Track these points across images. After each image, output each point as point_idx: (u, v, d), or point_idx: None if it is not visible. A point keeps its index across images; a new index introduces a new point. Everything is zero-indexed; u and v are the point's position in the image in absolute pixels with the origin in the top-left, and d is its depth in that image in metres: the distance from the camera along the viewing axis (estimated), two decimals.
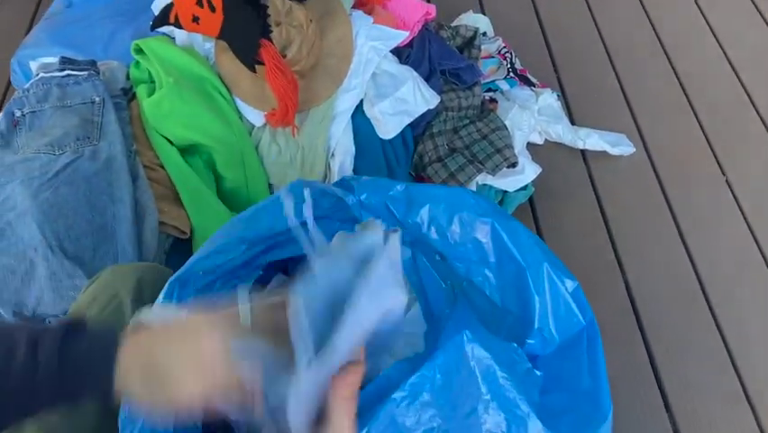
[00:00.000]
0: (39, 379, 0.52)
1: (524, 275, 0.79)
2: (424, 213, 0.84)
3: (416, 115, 1.26)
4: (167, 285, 0.75)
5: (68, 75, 1.19)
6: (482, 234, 0.83)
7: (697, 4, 1.87)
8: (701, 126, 1.57)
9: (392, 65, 1.27)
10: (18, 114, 1.14)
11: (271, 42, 1.15)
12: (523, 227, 0.84)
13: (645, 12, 1.84)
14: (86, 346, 0.54)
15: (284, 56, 1.17)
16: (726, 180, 1.47)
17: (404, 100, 1.25)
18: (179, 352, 0.54)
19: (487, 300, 0.84)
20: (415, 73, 1.28)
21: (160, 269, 0.89)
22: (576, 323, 0.79)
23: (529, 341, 0.79)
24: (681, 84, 1.66)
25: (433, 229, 0.84)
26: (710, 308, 1.27)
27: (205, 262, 0.78)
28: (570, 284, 0.80)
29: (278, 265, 0.92)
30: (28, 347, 0.52)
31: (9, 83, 1.48)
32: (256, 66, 1.18)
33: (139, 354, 0.54)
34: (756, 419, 1.14)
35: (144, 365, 0.53)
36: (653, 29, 1.80)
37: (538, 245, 0.83)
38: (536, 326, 0.78)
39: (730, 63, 1.72)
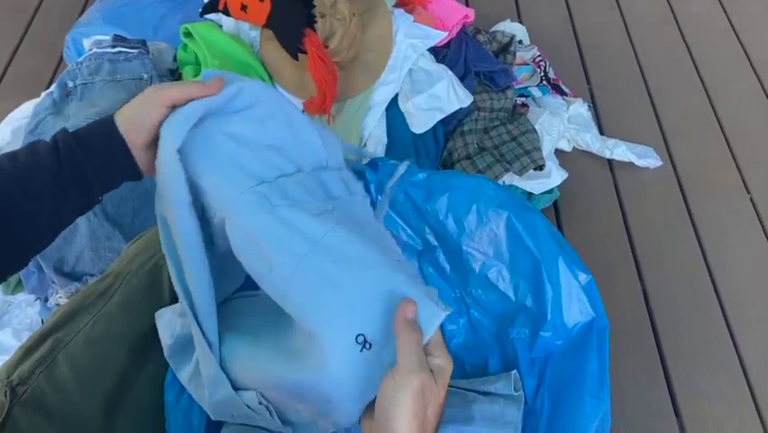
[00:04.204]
0: (65, 168, 0.63)
1: (538, 267, 0.81)
2: (443, 201, 0.86)
3: (449, 113, 1.29)
4: None
5: (120, 52, 1.25)
6: (498, 225, 0.85)
7: (732, 25, 1.88)
8: (728, 144, 1.58)
9: (429, 63, 1.32)
10: (70, 84, 1.20)
11: (315, 32, 1.20)
12: (541, 218, 0.87)
13: (680, 31, 1.86)
14: (93, 133, 0.66)
15: (326, 46, 1.22)
16: (751, 199, 1.48)
17: (438, 97, 1.29)
18: None
19: (500, 295, 0.86)
20: (450, 72, 1.32)
21: None
22: (587, 315, 0.81)
23: (543, 334, 0.81)
24: (710, 102, 1.68)
25: (450, 218, 0.87)
26: (726, 321, 1.28)
27: None
28: (583, 277, 0.83)
29: None
30: (48, 148, 0.64)
31: (62, 58, 1.55)
32: (299, 55, 1.23)
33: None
34: (764, 428, 1.15)
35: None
36: (687, 48, 1.81)
37: (554, 237, 0.85)
38: (549, 318, 0.80)
39: (761, 84, 1.73)
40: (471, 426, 0.74)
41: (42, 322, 1.11)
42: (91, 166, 0.65)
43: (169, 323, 0.76)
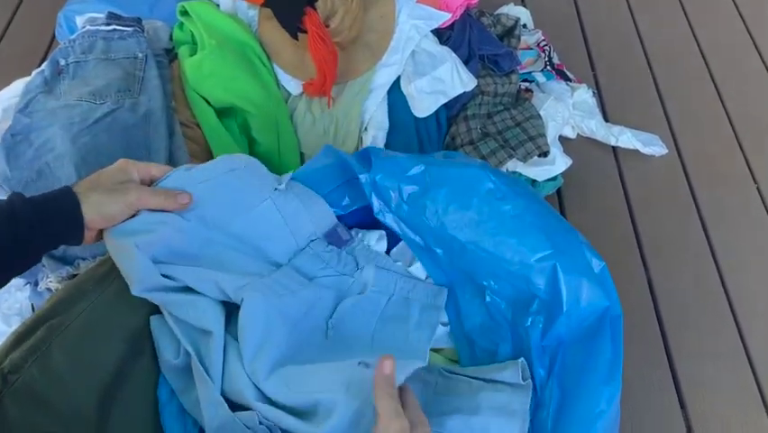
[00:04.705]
0: (21, 229, 0.66)
1: (550, 256, 0.78)
2: (441, 196, 0.82)
3: (452, 96, 1.26)
4: None
5: (114, 29, 1.20)
6: (501, 218, 0.80)
7: (739, 13, 1.85)
8: (735, 134, 1.56)
9: (432, 45, 1.28)
10: (63, 62, 1.16)
11: (315, 11, 1.16)
12: (547, 206, 0.84)
13: (687, 18, 1.83)
14: (48, 196, 0.69)
15: (327, 26, 1.18)
16: (758, 188, 1.45)
17: (441, 80, 1.25)
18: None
19: (513, 285, 0.82)
20: (454, 55, 1.28)
21: None
22: (601, 303, 0.78)
23: (557, 322, 0.78)
24: (717, 90, 1.65)
25: (450, 213, 0.82)
26: (732, 311, 1.26)
27: None
28: (597, 264, 0.80)
29: None
30: (4, 216, 0.66)
31: (54, 37, 1.51)
32: (298, 34, 1.19)
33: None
34: None
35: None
36: (693, 34, 1.79)
37: (563, 225, 0.83)
38: (565, 309, 0.77)
39: None
40: (478, 416, 0.71)
41: (32, 307, 1.08)
42: (45, 239, 0.68)
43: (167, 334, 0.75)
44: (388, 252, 0.90)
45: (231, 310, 0.76)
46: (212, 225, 0.79)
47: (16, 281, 1.10)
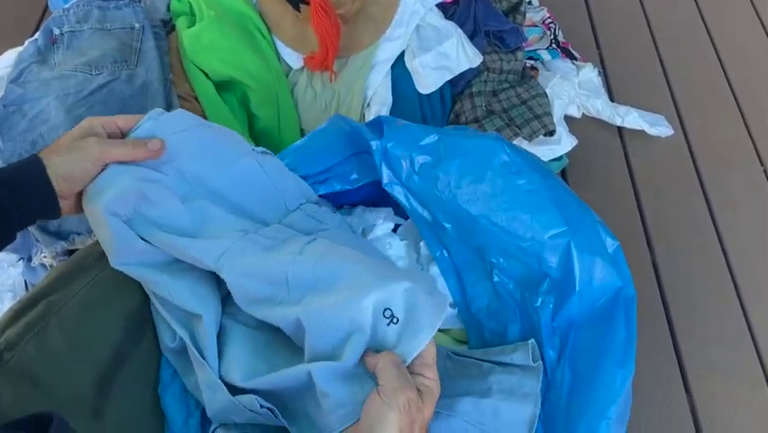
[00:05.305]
0: None
1: (563, 234, 0.76)
2: (454, 168, 0.79)
3: (457, 72, 1.23)
4: None
5: None
6: (515, 192, 0.77)
7: None
8: (742, 115, 1.54)
9: (437, 19, 1.25)
10: (57, 32, 1.12)
11: None
12: (561, 183, 0.82)
13: None
14: (15, 166, 0.63)
15: None
16: (764, 170, 1.44)
17: (446, 55, 1.22)
18: None
19: (523, 264, 0.79)
20: (459, 30, 1.25)
21: None
22: (614, 284, 0.76)
23: (568, 302, 0.76)
24: (724, 70, 1.63)
25: (463, 186, 0.79)
26: (738, 294, 1.25)
27: None
28: (610, 243, 0.78)
29: None
30: None
31: (46, 6, 1.47)
32: (300, 6, 1.16)
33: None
34: None
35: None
36: (700, 13, 1.76)
37: (577, 202, 0.81)
38: (577, 288, 0.75)
39: None
40: (489, 398, 0.69)
41: (26, 283, 1.05)
42: (18, 212, 0.63)
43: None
44: (395, 230, 0.87)
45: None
46: (190, 179, 0.71)
47: (9, 257, 1.07)
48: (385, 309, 0.60)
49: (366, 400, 0.57)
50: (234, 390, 0.65)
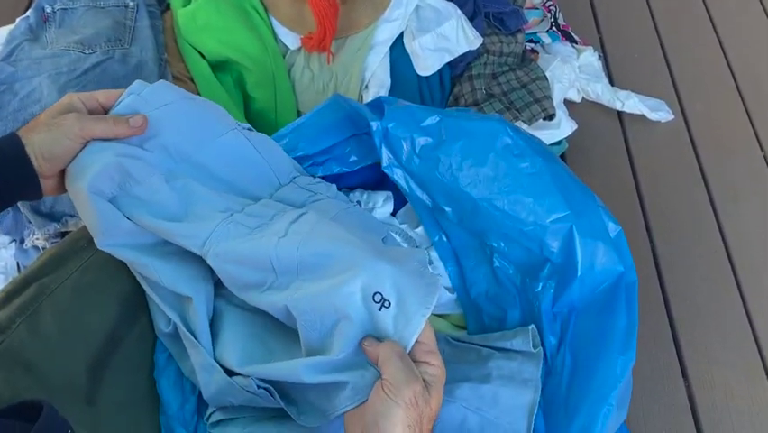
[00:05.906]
0: None
1: (565, 218, 0.75)
2: (456, 150, 0.77)
3: (457, 54, 1.21)
4: None
5: None
6: (517, 175, 0.76)
7: None
8: (743, 100, 1.52)
9: (437, 0, 1.23)
10: (48, 9, 1.11)
11: None
12: (564, 166, 0.80)
13: None
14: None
15: None
16: (765, 156, 1.43)
17: (446, 37, 1.20)
18: None
19: (524, 248, 0.78)
20: (459, 11, 1.23)
21: None
22: (616, 268, 0.75)
23: (569, 287, 0.75)
24: (725, 56, 1.61)
25: (464, 169, 0.77)
26: (737, 282, 1.24)
27: None
28: (612, 228, 0.77)
29: None
30: None
31: None
32: None
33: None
34: None
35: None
36: None
37: (580, 186, 0.79)
38: (579, 273, 0.74)
39: None
40: (488, 384, 0.68)
41: (18, 265, 1.03)
42: None
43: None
44: (393, 213, 0.86)
45: None
46: (176, 155, 0.69)
47: (1, 239, 1.05)
48: (375, 293, 0.58)
49: (371, 391, 0.55)
50: (230, 372, 0.65)
